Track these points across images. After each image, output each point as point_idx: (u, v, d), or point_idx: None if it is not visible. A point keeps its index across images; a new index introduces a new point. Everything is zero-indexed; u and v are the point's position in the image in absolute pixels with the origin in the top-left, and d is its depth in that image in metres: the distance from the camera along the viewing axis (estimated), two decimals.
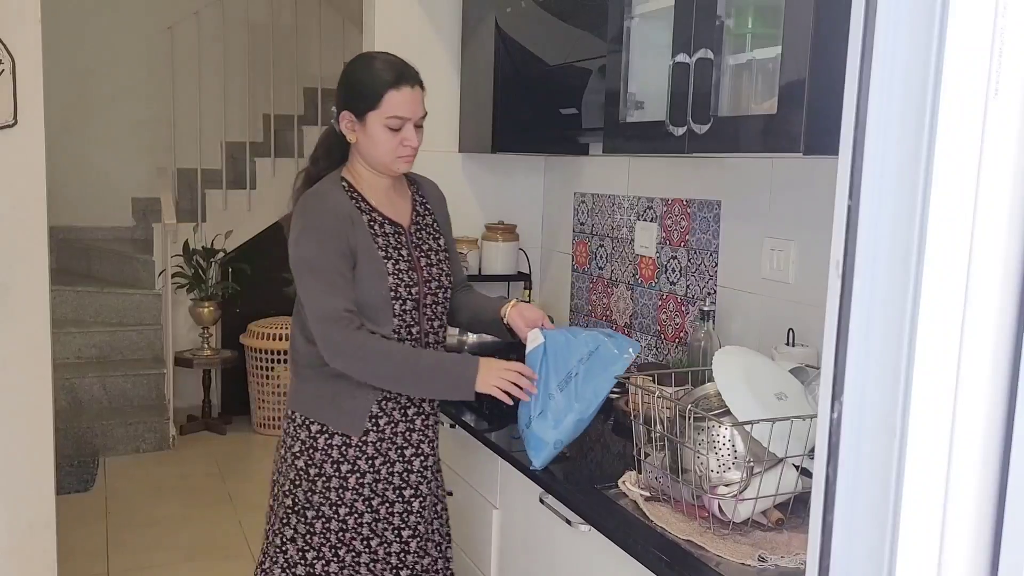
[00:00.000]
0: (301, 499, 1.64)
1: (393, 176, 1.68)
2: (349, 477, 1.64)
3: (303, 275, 1.58)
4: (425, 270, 1.67)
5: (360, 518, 1.65)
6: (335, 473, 1.63)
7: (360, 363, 1.56)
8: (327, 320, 1.54)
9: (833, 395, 0.66)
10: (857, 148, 0.64)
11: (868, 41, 0.63)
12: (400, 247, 1.65)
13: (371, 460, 1.65)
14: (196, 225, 4.46)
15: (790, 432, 1.28)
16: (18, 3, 2.14)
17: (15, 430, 2.23)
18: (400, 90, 1.57)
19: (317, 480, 1.64)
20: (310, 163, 1.72)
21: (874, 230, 0.63)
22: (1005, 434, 0.61)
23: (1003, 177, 0.59)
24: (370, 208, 1.64)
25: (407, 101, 1.58)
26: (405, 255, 1.65)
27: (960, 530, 0.62)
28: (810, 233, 1.71)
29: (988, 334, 0.60)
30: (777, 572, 1.19)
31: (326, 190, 1.62)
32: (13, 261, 2.20)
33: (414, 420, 1.68)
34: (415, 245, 1.68)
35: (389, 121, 1.58)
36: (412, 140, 1.60)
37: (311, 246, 1.57)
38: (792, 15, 1.33)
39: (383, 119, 1.58)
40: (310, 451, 1.64)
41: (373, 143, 1.60)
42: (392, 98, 1.57)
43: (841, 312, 0.65)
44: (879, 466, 0.63)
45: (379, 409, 1.64)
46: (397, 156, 1.61)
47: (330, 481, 1.63)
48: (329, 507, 1.64)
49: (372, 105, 1.58)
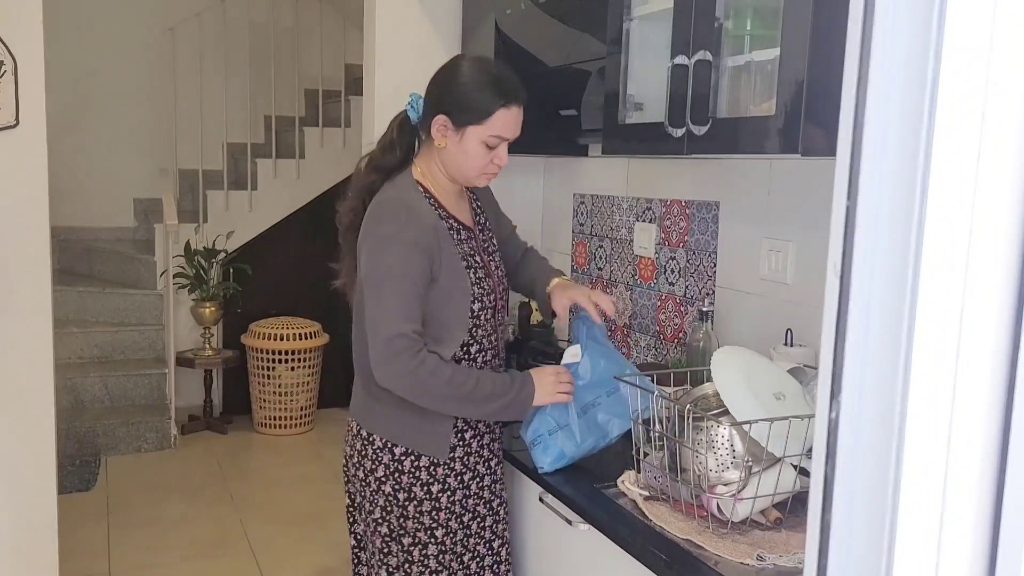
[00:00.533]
0: (395, 526, 1.56)
1: None
2: (440, 497, 1.55)
3: (380, 285, 1.45)
4: (495, 273, 1.61)
5: (454, 536, 1.57)
6: (426, 496, 1.54)
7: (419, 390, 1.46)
8: (393, 340, 1.43)
9: (831, 395, 0.66)
10: (855, 149, 0.64)
11: (867, 42, 0.63)
12: (474, 253, 1.57)
13: (460, 476, 1.57)
14: (197, 226, 4.46)
15: (788, 432, 1.28)
16: (20, 4, 2.15)
17: (17, 429, 2.24)
18: (509, 109, 1.49)
19: (408, 505, 1.55)
20: (380, 151, 1.58)
21: (872, 231, 0.64)
22: (1003, 433, 0.61)
23: (1001, 177, 0.60)
24: (447, 214, 1.55)
25: (512, 121, 1.50)
26: (480, 261, 1.57)
27: (958, 529, 0.62)
28: (808, 234, 1.71)
29: (986, 334, 0.61)
30: (775, 571, 1.20)
31: (411, 199, 1.51)
32: (15, 261, 2.20)
33: (493, 428, 1.63)
34: (483, 249, 1.61)
35: (490, 139, 1.49)
36: (503, 159, 1.53)
37: (396, 258, 1.45)
38: (791, 17, 1.33)
39: (485, 136, 1.49)
40: (396, 475, 1.54)
41: (465, 157, 1.51)
42: (500, 117, 1.48)
43: (839, 312, 0.66)
44: (877, 465, 0.63)
45: (464, 423, 1.56)
46: (483, 172, 1.53)
47: (422, 504, 1.54)
48: (424, 531, 1.55)
49: (477, 120, 1.48)
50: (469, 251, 1.55)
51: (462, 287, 1.51)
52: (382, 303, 1.45)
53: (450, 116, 1.49)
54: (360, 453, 1.58)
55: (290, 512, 3.42)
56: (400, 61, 2.54)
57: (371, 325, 1.46)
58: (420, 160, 1.57)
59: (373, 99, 2.56)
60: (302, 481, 3.79)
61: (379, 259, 1.46)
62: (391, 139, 1.58)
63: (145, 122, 4.91)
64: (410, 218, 1.47)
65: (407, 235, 1.45)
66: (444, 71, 1.54)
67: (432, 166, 1.56)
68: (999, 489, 0.62)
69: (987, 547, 0.62)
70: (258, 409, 4.39)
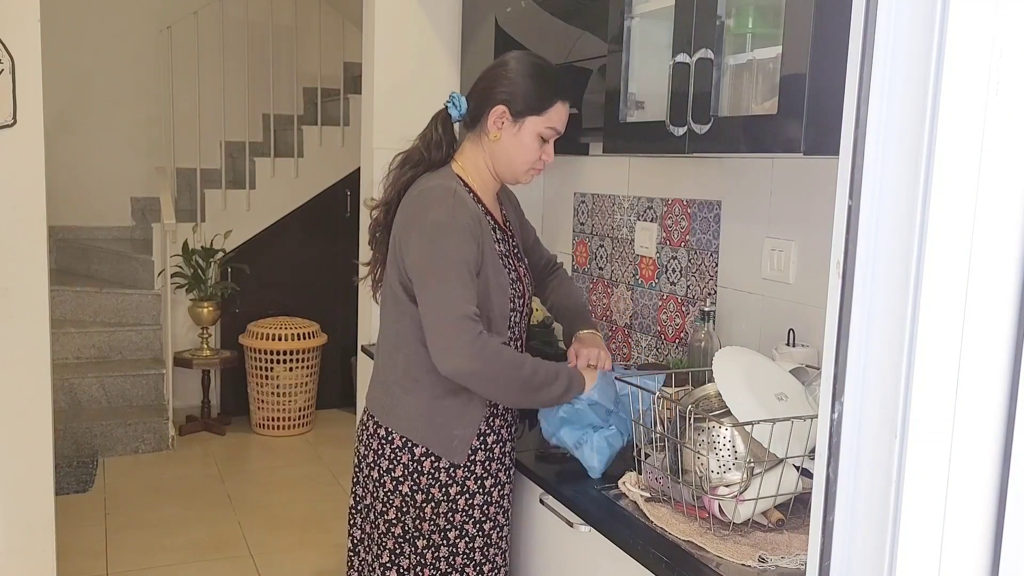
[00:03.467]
0: (411, 527, 1.53)
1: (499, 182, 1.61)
2: (459, 499, 1.53)
3: (440, 271, 1.43)
4: (524, 279, 1.61)
5: (472, 542, 1.55)
6: (444, 498, 1.52)
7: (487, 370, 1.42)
8: (460, 321, 1.40)
9: (834, 395, 0.66)
10: (857, 148, 0.64)
11: (868, 41, 0.63)
12: (509, 254, 1.58)
13: (480, 480, 1.55)
14: (195, 225, 4.45)
15: (790, 432, 1.27)
16: (18, 3, 2.14)
17: (14, 430, 2.23)
18: (565, 104, 1.54)
19: (425, 506, 1.52)
20: (423, 147, 1.57)
21: (874, 230, 0.63)
22: (1006, 434, 0.61)
23: (1003, 177, 0.59)
24: (485, 210, 1.56)
25: (565, 116, 1.55)
26: (513, 264, 1.58)
27: (960, 530, 0.62)
28: (810, 233, 1.71)
29: (988, 334, 0.60)
30: (777, 573, 1.19)
31: (454, 187, 1.50)
32: (12, 261, 2.20)
33: (514, 436, 1.62)
34: (513, 252, 1.61)
35: (546, 131, 1.52)
36: (550, 156, 1.56)
37: (452, 242, 1.43)
38: (792, 15, 1.33)
39: (542, 126, 1.52)
40: (415, 475, 1.52)
41: (519, 148, 1.53)
42: (558, 110, 1.52)
43: (842, 312, 0.65)
44: (880, 466, 0.63)
45: (487, 427, 1.55)
46: (530, 168, 1.56)
47: (439, 507, 1.52)
48: (439, 534, 1.53)
49: (538, 110, 1.51)
50: (505, 251, 1.57)
51: (501, 284, 1.51)
52: (444, 287, 1.42)
53: (509, 107, 1.51)
54: (376, 452, 1.55)
55: (289, 513, 3.41)
56: (399, 59, 2.54)
57: (433, 310, 1.43)
58: (461, 156, 1.57)
59: (372, 97, 2.56)
60: (301, 482, 3.78)
61: (434, 245, 1.44)
62: (434, 136, 1.57)
63: (143, 121, 4.91)
64: (458, 204, 1.47)
65: (460, 221, 1.45)
66: (499, 66, 1.55)
67: (478, 161, 1.56)
68: (1002, 489, 0.61)
69: (990, 547, 0.62)
70: (256, 410, 4.39)
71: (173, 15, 4.67)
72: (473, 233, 1.46)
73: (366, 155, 2.63)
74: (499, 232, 1.57)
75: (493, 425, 1.56)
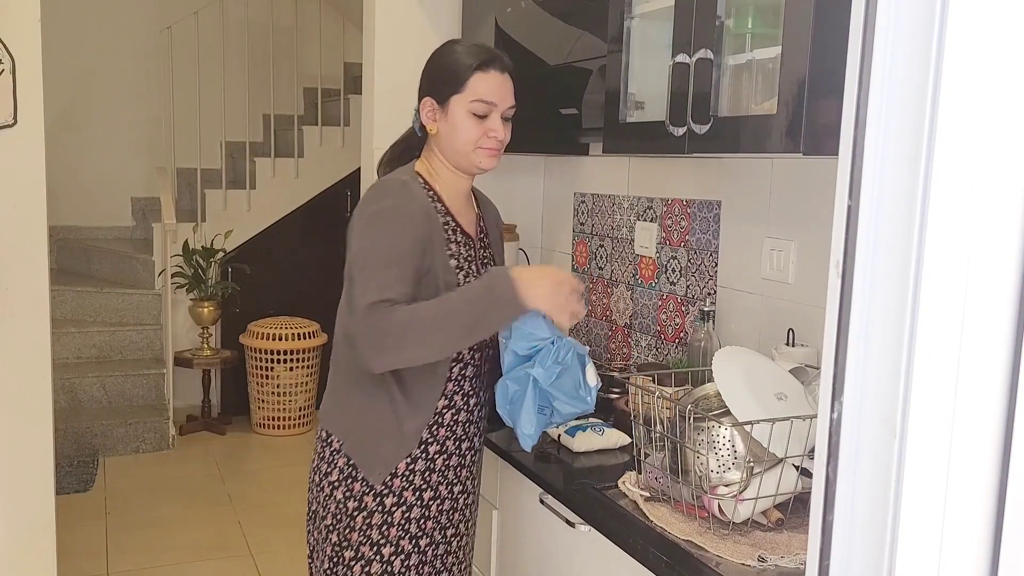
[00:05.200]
0: (343, 536, 1.46)
1: (471, 180, 1.54)
2: (394, 511, 1.45)
3: (363, 262, 1.36)
4: None
5: (407, 560, 1.46)
6: (377, 507, 1.44)
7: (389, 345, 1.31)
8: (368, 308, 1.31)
9: (833, 395, 0.66)
10: (857, 148, 0.64)
11: (868, 41, 0.63)
12: (471, 260, 1.49)
13: (419, 492, 1.46)
14: (196, 225, 4.46)
15: (790, 432, 1.28)
16: (18, 3, 2.14)
17: (15, 430, 2.23)
18: (488, 73, 1.45)
19: (357, 515, 1.45)
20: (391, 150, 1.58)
21: (874, 230, 0.63)
22: (1005, 434, 0.61)
23: (1003, 176, 0.59)
24: (445, 210, 1.48)
25: (494, 85, 1.45)
26: (475, 270, 1.49)
27: (960, 530, 0.62)
28: (810, 233, 1.71)
29: (988, 333, 0.60)
30: (777, 572, 1.19)
31: (404, 179, 1.46)
32: (12, 261, 2.20)
33: (465, 454, 1.52)
34: (480, 260, 1.53)
35: (474, 106, 1.44)
36: (498, 131, 1.46)
37: (383, 231, 1.38)
38: (792, 15, 1.33)
39: (467, 103, 1.44)
40: (348, 481, 1.45)
41: (455, 131, 1.45)
42: (479, 81, 1.44)
43: (841, 312, 0.65)
44: (879, 466, 0.63)
45: (429, 434, 1.47)
46: (479, 147, 1.46)
47: (372, 517, 1.44)
48: (370, 547, 1.45)
49: (456, 88, 1.44)
50: (465, 255, 1.48)
51: (450, 283, 1.42)
52: (363, 276, 1.35)
53: (433, 95, 1.48)
54: (319, 455, 1.51)
55: (289, 513, 3.41)
56: (399, 59, 2.54)
57: (352, 305, 1.36)
58: (426, 157, 1.53)
59: (372, 98, 2.56)
60: (301, 482, 3.77)
61: (366, 234, 1.39)
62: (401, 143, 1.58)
63: (143, 121, 4.91)
64: (403, 194, 1.42)
65: (400, 208, 1.40)
66: (426, 62, 1.53)
67: (435, 160, 1.51)
68: (1001, 489, 0.61)
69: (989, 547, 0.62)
70: (256, 409, 4.39)
71: (173, 15, 4.67)
72: (417, 222, 1.39)
73: (366, 155, 2.63)
74: (461, 235, 1.49)
75: (437, 434, 1.48)
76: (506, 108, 1.48)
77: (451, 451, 1.50)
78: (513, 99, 1.48)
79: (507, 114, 1.48)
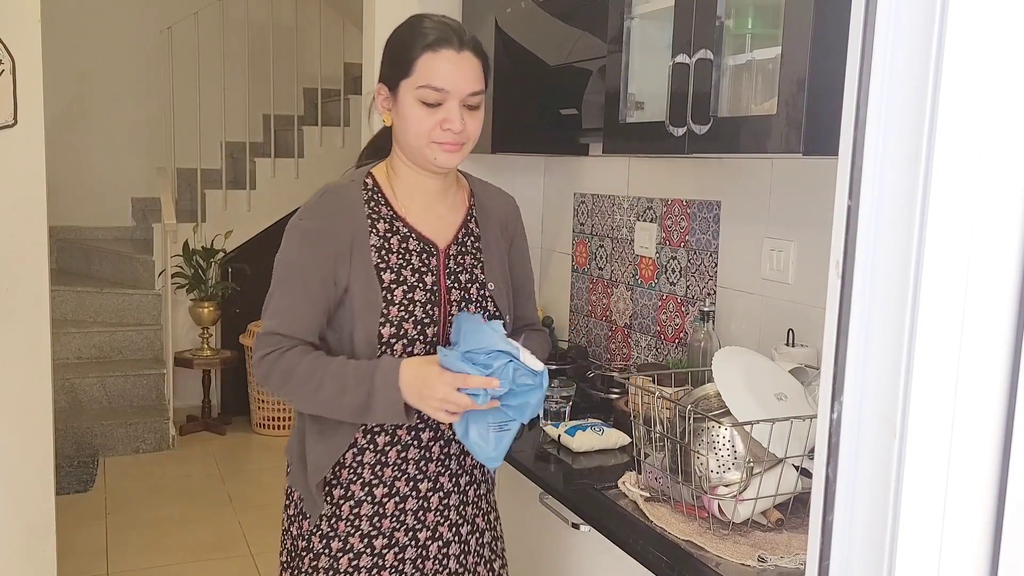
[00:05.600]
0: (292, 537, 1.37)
1: (441, 178, 1.33)
2: (342, 504, 1.31)
3: (274, 279, 1.31)
4: (453, 306, 1.31)
5: (356, 560, 1.30)
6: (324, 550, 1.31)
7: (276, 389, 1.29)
8: (261, 337, 1.29)
9: (833, 395, 0.66)
10: (857, 148, 0.64)
11: (868, 41, 0.63)
12: (423, 271, 1.30)
13: (368, 487, 1.30)
14: (196, 225, 4.46)
15: (790, 432, 1.28)
16: (18, 3, 2.14)
17: (15, 430, 2.23)
18: (439, 52, 1.23)
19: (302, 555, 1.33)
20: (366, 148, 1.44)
21: (874, 230, 0.63)
22: (1005, 434, 0.61)
23: (1004, 176, 0.59)
24: (391, 215, 1.31)
25: (448, 68, 1.23)
26: (428, 283, 1.29)
27: (960, 530, 0.62)
28: (810, 233, 1.71)
29: (988, 334, 0.60)
30: (777, 572, 1.19)
31: (338, 190, 1.31)
32: (13, 261, 2.20)
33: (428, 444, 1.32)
34: (449, 271, 1.32)
35: (421, 92, 1.23)
36: (453, 121, 1.24)
37: (292, 254, 1.30)
38: (792, 15, 1.33)
39: (415, 88, 1.24)
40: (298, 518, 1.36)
41: (405, 122, 1.26)
42: (428, 62, 1.23)
43: (841, 312, 0.65)
44: (879, 466, 0.63)
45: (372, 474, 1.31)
46: (432, 141, 1.26)
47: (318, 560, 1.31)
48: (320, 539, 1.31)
49: (404, 72, 1.25)
50: (415, 266, 1.29)
51: (370, 303, 1.25)
52: (268, 296, 1.30)
53: (385, 81, 1.29)
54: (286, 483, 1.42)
55: None
56: None
57: None
58: (390, 156, 1.36)
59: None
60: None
61: (282, 250, 1.31)
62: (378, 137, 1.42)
63: (143, 121, 4.91)
64: (319, 204, 1.29)
65: (310, 223, 1.28)
66: None
67: (396, 159, 1.34)
68: (1001, 489, 0.61)
69: (989, 547, 0.62)
70: (256, 410, 4.39)
71: (174, 15, 4.67)
72: (325, 239, 1.26)
73: None
74: (415, 241, 1.30)
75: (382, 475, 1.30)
76: (466, 95, 1.25)
77: (406, 441, 1.30)
78: (479, 83, 1.26)
79: (471, 101, 1.26)
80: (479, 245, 1.38)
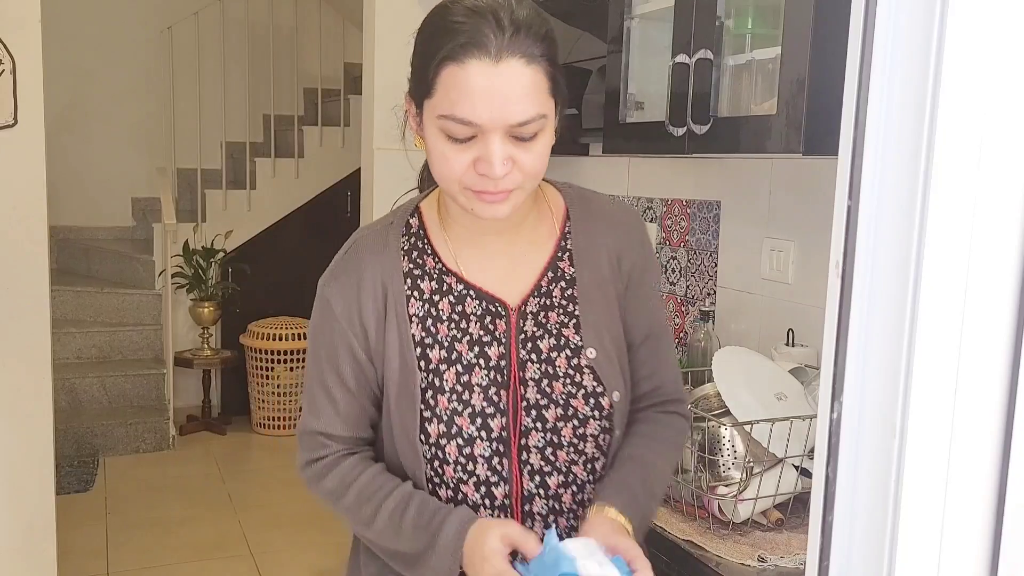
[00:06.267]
0: None
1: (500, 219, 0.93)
2: None
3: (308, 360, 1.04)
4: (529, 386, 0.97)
5: None
6: None
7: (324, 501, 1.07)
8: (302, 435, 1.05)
9: (833, 395, 0.66)
10: (857, 148, 0.64)
11: (868, 41, 0.63)
12: (486, 342, 0.97)
13: None
14: (196, 225, 4.46)
15: (790, 432, 1.28)
16: (18, 3, 2.14)
17: (15, 430, 2.23)
18: (464, 65, 0.84)
19: None
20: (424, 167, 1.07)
21: (874, 230, 0.63)
22: (1005, 434, 0.61)
23: (1004, 176, 0.59)
24: (440, 270, 0.98)
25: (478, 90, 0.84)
26: (492, 357, 0.97)
27: (960, 530, 0.62)
28: (810, 233, 1.71)
29: (988, 334, 0.60)
30: (777, 572, 1.19)
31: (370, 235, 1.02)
32: (13, 261, 2.20)
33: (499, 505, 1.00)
34: (524, 338, 0.98)
35: (443, 124, 0.87)
36: (491, 165, 0.86)
37: (316, 322, 1.02)
38: (792, 15, 1.33)
39: (437, 114, 0.88)
40: None
41: (430, 157, 0.92)
42: (449, 79, 0.86)
43: (841, 312, 0.65)
44: (879, 466, 0.63)
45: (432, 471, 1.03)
46: (465, 187, 0.89)
47: None
48: None
49: (426, 89, 0.89)
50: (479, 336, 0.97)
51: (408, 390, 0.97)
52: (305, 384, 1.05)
53: (411, 93, 0.94)
54: None
55: (289, 513, 3.41)
56: (400, 59, 2.52)
57: None
58: None
59: (372, 98, 2.56)
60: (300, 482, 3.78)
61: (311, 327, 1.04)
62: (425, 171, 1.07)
63: (143, 121, 4.91)
64: (345, 267, 1.00)
65: (331, 290, 1.00)
66: None
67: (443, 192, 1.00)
68: (1001, 489, 0.61)
69: (989, 548, 0.62)
70: (257, 409, 4.39)
71: (173, 15, 4.67)
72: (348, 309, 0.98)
73: (366, 156, 2.63)
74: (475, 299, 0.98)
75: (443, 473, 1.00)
76: (509, 125, 0.86)
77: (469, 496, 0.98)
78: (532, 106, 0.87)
79: (520, 132, 0.87)
80: (572, 293, 1.00)
